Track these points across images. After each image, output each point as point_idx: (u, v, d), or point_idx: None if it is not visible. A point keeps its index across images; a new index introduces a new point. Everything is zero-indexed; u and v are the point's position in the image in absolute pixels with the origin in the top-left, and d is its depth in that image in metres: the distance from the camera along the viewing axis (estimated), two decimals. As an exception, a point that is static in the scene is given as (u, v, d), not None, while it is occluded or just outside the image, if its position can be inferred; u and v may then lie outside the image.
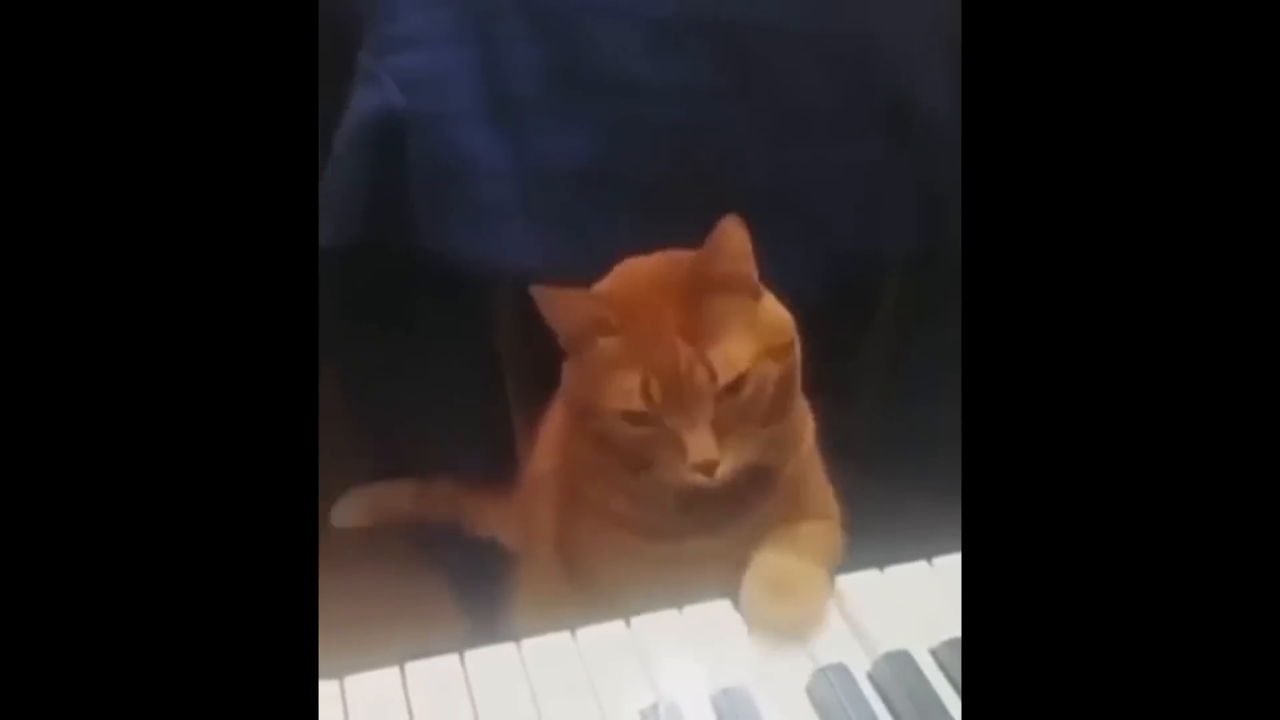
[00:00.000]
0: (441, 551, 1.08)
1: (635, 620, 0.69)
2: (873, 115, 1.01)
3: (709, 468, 0.72)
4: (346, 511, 1.10)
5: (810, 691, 0.65)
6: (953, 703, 0.64)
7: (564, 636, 0.68)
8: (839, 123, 1.01)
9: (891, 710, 0.64)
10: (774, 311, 0.78)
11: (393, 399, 1.01)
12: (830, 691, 0.64)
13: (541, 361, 0.89)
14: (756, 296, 0.76)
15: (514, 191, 0.99)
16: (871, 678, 0.66)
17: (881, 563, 0.73)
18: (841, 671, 0.65)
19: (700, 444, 0.72)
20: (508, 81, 0.99)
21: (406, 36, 0.99)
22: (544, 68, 0.99)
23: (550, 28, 0.98)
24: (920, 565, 0.73)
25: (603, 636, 0.69)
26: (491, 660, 0.67)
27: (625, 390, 0.72)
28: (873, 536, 0.78)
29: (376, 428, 1.13)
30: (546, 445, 0.89)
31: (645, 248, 0.83)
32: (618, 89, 0.99)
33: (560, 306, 0.74)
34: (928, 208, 1.04)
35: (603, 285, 0.79)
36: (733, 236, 0.74)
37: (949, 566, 0.73)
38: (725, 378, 0.72)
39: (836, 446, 0.87)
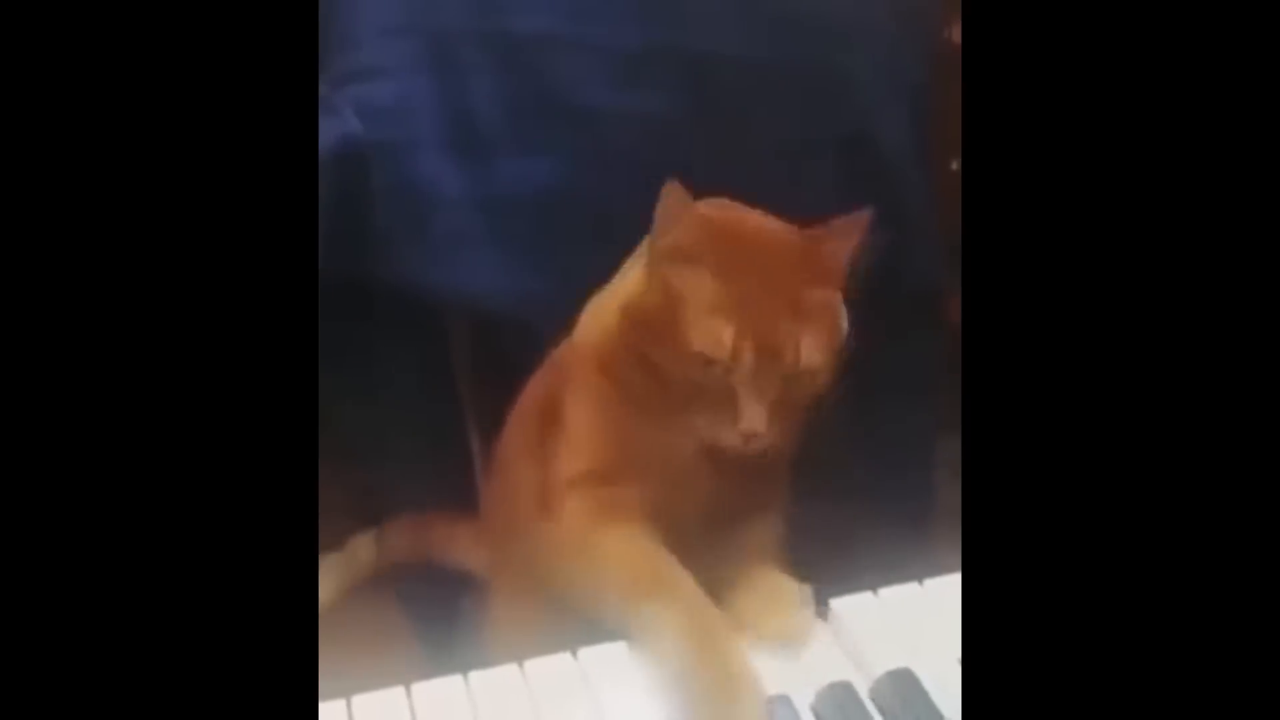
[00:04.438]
0: (400, 582, 1.08)
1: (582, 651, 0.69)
2: (834, 148, 1.01)
3: (753, 438, 0.73)
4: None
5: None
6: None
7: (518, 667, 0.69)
8: (799, 154, 1.02)
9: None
10: (844, 313, 0.78)
11: (351, 428, 1.01)
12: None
13: (500, 391, 0.90)
14: (842, 291, 0.78)
15: (476, 221, 0.99)
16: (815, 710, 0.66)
17: (830, 594, 0.74)
18: (785, 703, 0.66)
19: (755, 414, 0.73)
20: (469, 111, 0.99)
21: (368, 67, 0.99)
22: (506, 97, 0.99)
23: (511, 57, 0.99)
24: (867, 595, 0.74)
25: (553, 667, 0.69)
26: (443, 691, 0.68)
27: (716, 337, 0.72)
28: (820, 567, 0.78)
29: (334, 456, 1.12)
30: (504, 465, 0.89)
31: (607, 277, 0.84)
32: (580, 118, 1.00)
33: (684, 214, 0.76)
34: (888, 240, 1.04)
35: (712, 213, 0.79)
36: (856, 228, 0.77)
37: (894, 596, 0.74)
38: (806, 365, 0.74)
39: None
